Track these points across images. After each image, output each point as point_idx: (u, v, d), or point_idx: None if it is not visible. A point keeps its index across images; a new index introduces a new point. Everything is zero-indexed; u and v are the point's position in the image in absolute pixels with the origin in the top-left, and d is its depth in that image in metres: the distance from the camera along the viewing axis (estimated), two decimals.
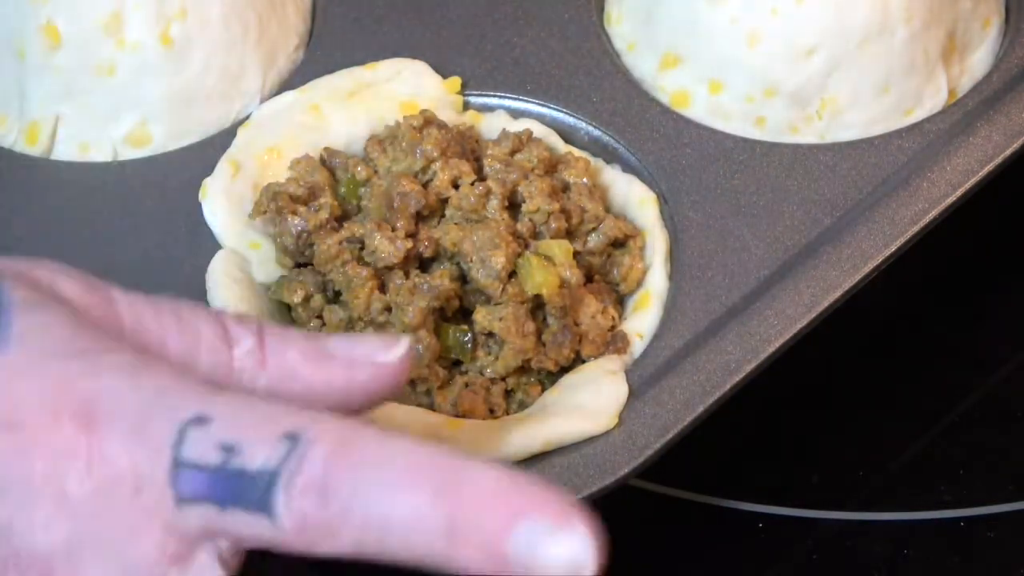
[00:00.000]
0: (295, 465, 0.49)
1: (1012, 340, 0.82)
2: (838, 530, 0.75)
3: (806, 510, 0.75)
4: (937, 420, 0.79)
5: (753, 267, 0.72)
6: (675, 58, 0.79)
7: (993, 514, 0.75)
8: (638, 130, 0.77)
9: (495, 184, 0.72)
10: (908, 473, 0.77)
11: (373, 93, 0.77)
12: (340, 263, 0.70)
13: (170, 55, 0.77)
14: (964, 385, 0.80)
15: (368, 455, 0.49)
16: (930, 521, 0.75)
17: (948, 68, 0.79)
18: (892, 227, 0.73)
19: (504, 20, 0.82)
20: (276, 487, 0.49)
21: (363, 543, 0.49)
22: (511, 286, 0.69)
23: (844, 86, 0.77)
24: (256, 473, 0.50)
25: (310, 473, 0.49)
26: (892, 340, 0.82)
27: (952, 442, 0.78)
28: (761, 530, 0.75)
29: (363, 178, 0.73)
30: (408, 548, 0.48)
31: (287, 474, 0.49)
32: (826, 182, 0.75)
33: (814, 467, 0.77)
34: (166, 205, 0.75)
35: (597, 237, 0.73)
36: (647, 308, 0.71)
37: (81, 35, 0.77)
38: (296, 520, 0.49)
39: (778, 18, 0.77)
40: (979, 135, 0.76)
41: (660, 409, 0.67)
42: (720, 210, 0.74)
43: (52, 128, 0.78)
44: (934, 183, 0.74)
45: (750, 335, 0.69)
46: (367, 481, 0.49)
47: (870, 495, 0.76)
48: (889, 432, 0.78)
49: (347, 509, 0.49)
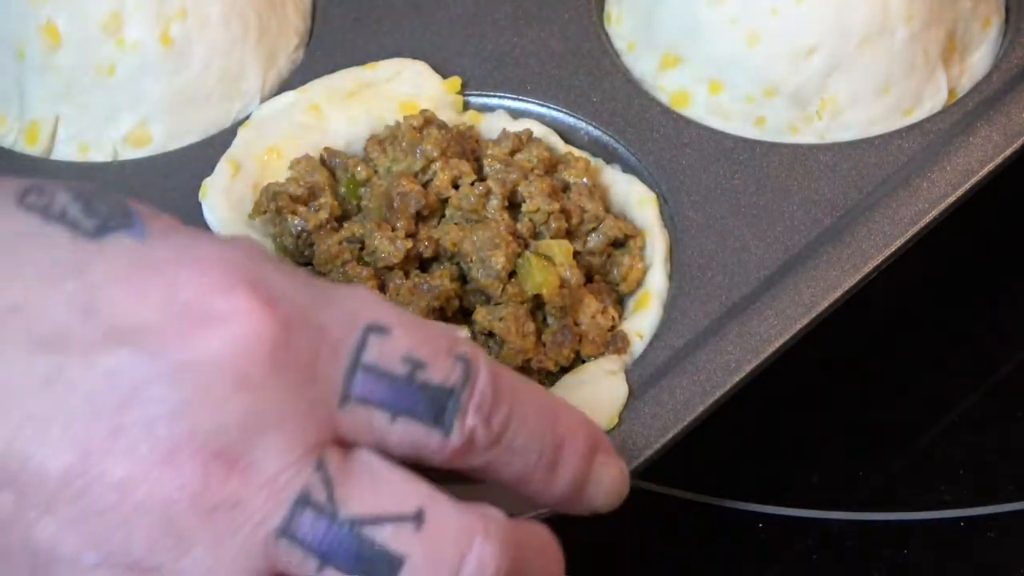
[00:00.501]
0: (471, 387, 0.54)
1: (1012, 340, 0.82)
2: (838, 530, 0.75)
3: (806, 510, 0.75)
4: (937, 420, 0.79)
5: (753, 267, 0.72)
6: (675, 58, 0.79)
7: (993, 514, 0.75)
8: (638, 130, 0.77)
9: (495, 184, 0.72)
10: (908, 473, 0.77)
11: (373, 93, 0.77)
12: (340, 263, 0.70)
13: (170, 55, 0.77)
14: (964, 385, 0.80)
15: (510, 385, 0.56)
16: (930, 521, 0.75)
17: (948, 68, 0.79)
18: (892, 227, 0.73)
19: (504, 20, 0.82)
20: (455, 405, 0.54)
21: (497, 462, 0.55)
22: (511, 286, 0.69)
23: (844, 86, 0.77)
24: (439, 388, 0.54)
25: (482, 395, 0.54)
26: (892, 340, 0.82)
27: (952, 442, 0.78)
28: (761, 530, 0.75)
29: (363, 178, 0.73)
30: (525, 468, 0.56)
31: (465, 394, 0.54)
32: (826, 182, 0.75)
33: (814, 467, 0.77)
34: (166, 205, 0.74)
35: (597, 237, 0.73)
36: (647, 308, 0.71)
37: (81, 35, 0.77)
38: (464, 438, 0.54)
39: (778, 18, 0.77)
40: (979, 135, 0.76)
41: (660, 409, 0.67)
42: (720, 210, 0.74)
43: (52, 128, 0.78)
44: (934, 183, 0.74)
45: (750, 335, 0.69)
46: (515, 409, 0.55)
47: (870, 495, 0.76)
48: (889, 432, 0.78)
49: (501, 433, 0.55)
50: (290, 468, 0.52)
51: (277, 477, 0.52)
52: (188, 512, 0.51)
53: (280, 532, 0.52)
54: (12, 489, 0.51)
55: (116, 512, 0.51)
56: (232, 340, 0.52)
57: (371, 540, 0.52)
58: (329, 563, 0.52)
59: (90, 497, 0.51)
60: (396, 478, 0.54)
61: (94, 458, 0.51)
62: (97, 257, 0.54)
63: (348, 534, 0.52)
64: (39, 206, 0.55)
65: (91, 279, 0.53)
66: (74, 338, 0.52)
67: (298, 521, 0.52)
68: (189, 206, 0.74)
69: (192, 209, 0.74)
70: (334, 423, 0.54)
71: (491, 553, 0.53)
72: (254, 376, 0.52)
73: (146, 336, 0.52)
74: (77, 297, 0.53)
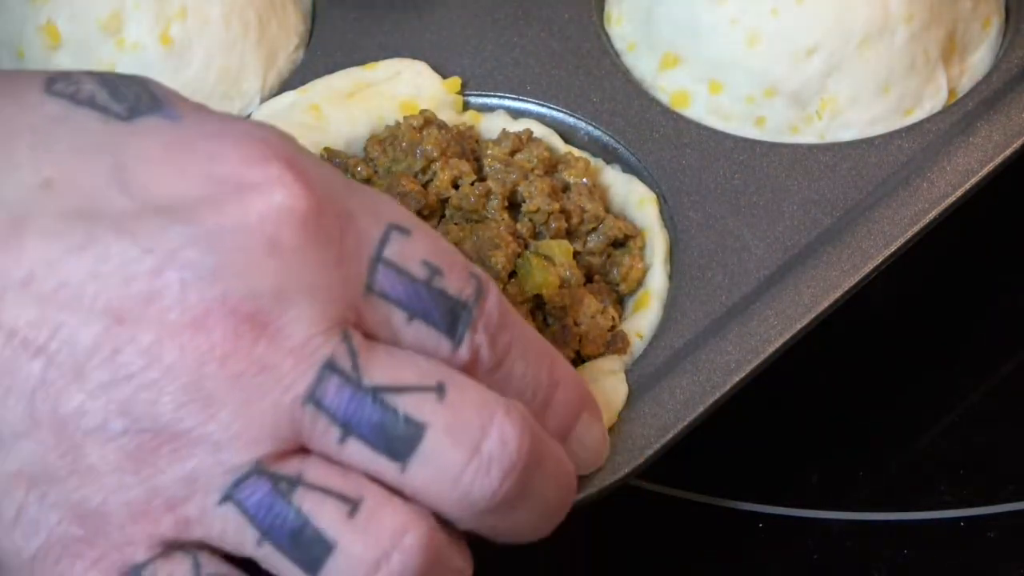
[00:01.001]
0: (481, 304, 0.55)
1: (1012, 340, 0.82)
2: (838, 530, 0.75)
3: (806, 510, 0.75)
4: (937, 420, 0.79)
5: (753, 267, 0.72)
6: (675, 58, 0.79)
7: (993, 514, 0.75)
8: (638, 130, 0.77)
9: (495, 184, 0.72)
10: (908, 473, 0.77)
11: (373, 93, 0.77)
12: None
13: (170, 55, 0.77)
14: (964, 385, 0.80)
15: (515, 317, 0.57)
16: (930, 521, 0.75)
17: (948, 68, 0.79)
18: (892, 227, 0.73)
19: (504, 20, 0.82)
20: (468, 318, 0.55)
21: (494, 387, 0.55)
22: (511, 286, 0.69)
23: (844, 86, 0.77)
24: (454, 299, 0.55)
25: (490, 315, 0.56)
26: (892, 340, 0.82)
27: (952, 442, 0.78)
28: (761, 530, 0.75)
29: (363, 178, 0.73)
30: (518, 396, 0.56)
31: (477, 310, 0.55)
32: (826, 182, 0.75)
33: (814, 467, 0.77)
34: None
35: (597, 237, 0.73)
36: (647, 308, 0.71)
37: (81, 35, 0.77)
38: (471, 352, 0.55)
39: (778, 18, 0.77)
40: (979, 135, 0.76)
41: (660, 409, 0.67)
42: (720, 210, 0.74)
43: None
44: (934, 183, 0.74)
45: (750, 335, 0.69)
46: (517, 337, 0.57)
47: (870, 495, 0.76)
48: (889, 432, 0.78)
49: (503, 357, 0.56)
50: (318, 336, 0.53)
51: (306, 344, 0.52)
52: (216, 375, 0.52)
53: (307, 398, 0.52)
54: (42, 358, 0.52)
55: (144, 376, 0.52)
56: (267, 208, 0.53)
57: (393, 408, 0.53)
58: (351, 432, 0.53)
59: (119, 363, 0.52)
60: (418, 358, 0.54)
61: (125, 325, 0.52)
62: (130, 138, 0.54)
63: (371, 402, 0.53)
64: (67, 93, 0.55)
65: (125, 157, 0.53)
66: (108, 210, 0.52)
67: (324, 387, 0.52)
68: None
69: None
70: (358, 308, 0.54)
71: (512, 432, 0.54)
72: (287, 244, 0.53)
73: (181, 207, 0.53)
74: (112, 174, 0.53)
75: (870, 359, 0.81)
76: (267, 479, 0.52)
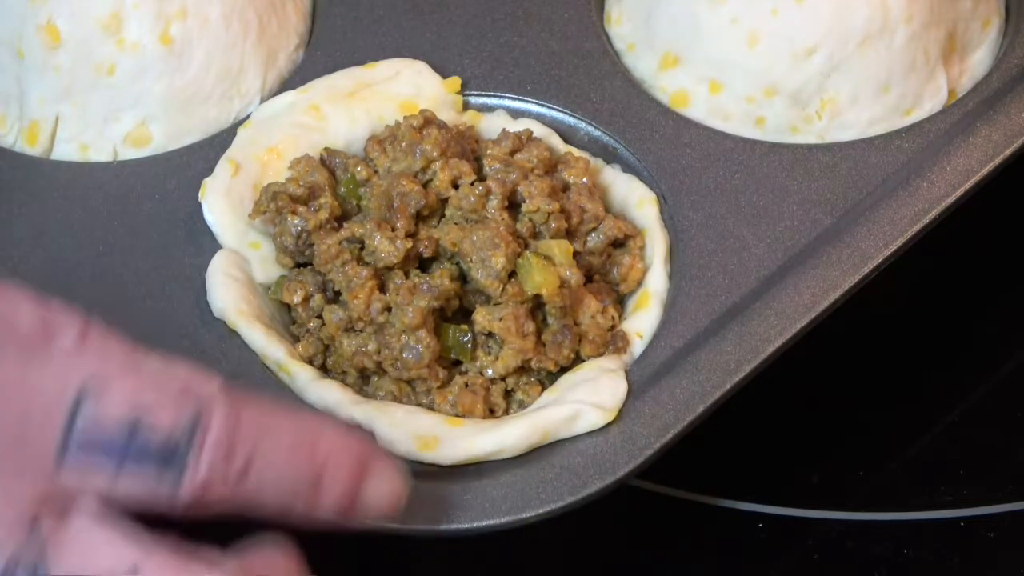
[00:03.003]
0: (204, 425, 0.55)
1: (1012, 340, 0.82)
2: (838, 530, 0.75)
3: (806, 510, 0.75)
4: (937, 420, 0.79)
5: (753, 267, 0.72)
6: (675, 58, 0.79)
7: (993, 514, 0.75)
8: (638, 130, 0.77)
9: (495, 184, 0.72)
10: (908, 473, 0.77)
11: (373, 93, 0.77)
12: (340, 263, 0.70)
13: (170, 55, 0.77)
14: (964, 385, 0.80)
15: (257, 421, 0.56)
16: (930, 521, 0.75)
17: (948, 68, 0.79)
18: (892, 227, 0.73)
19: (504, 20, 0.82)
20: (188, 446, 0.54)
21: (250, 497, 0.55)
22: (511, 286, 0.69)
23: (844, 86, 0.77)
24: (166, 435, 0.54)
25: (218, 433, 0.55)
26: (892, 340, 0.82)
27: (952, 442, 0.78)
28: (761, 530, 0.75)
29: (363, 178, 0.74)
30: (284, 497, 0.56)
31: (199, 435, 0.55)
32: (826, 182, 0.75)
33: (814, 467, 0.77)
34: (166, 205, 0.75)
35: (597, 237, 0.73)
36: (647, 308, 0.71)
37: (81, 35, 0.77)
38: (203, 474, 0.55)
39: (778, 18, 0.77)
40: (979, 135, 0.76)
41: (660, 409, 0.67)
42: (720, 210, 0.74)
43: (52, 128, 0.78)
44: (934, 183, 0.74)
45: (750, 335, 0.69)
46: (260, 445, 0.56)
47: (870, 495, 0.76)
48: (889, 432, 0.78)
49: (245, 469, 0.55)
50: (1, 532, 0.53)
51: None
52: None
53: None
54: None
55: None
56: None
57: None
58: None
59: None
60: (112, 537, 0.53)
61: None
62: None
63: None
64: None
65: None
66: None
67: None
68: (189, 206, 0.74)
69: (192, 209, 0.74)
70: (53, 481, 0.54)
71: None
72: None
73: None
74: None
75: (870, 359, 0.81)
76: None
